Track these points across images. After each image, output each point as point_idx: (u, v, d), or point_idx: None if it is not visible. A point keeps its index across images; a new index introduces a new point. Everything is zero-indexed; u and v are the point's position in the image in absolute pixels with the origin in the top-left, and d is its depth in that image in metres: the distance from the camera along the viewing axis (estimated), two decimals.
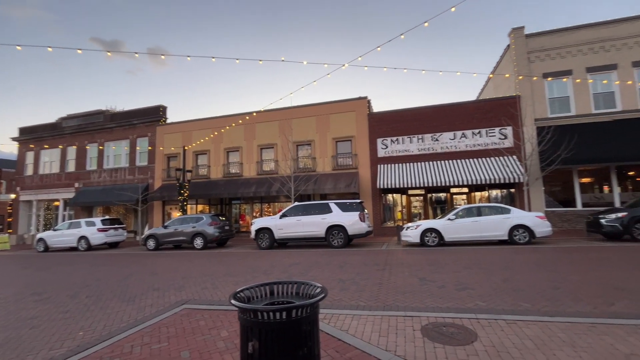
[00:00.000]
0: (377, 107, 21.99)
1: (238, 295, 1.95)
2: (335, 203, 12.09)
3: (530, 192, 13.51)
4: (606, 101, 13.38)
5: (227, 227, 14.46)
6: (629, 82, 13.01)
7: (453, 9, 7.25)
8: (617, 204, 12.68)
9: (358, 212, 11.65)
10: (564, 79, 13.80)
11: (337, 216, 11.73)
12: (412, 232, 10.89)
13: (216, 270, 8.07)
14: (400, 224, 15.01)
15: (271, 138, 18.90)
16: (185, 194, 16.58)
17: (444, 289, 5.18)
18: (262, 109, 14.15)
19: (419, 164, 15.51)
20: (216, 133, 19.41)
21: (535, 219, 9.92)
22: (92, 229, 15.65)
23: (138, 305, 5.13)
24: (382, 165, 16.13)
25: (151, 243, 14.20)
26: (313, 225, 11.90)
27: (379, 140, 16.63)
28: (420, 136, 15.83)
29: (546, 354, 2.88)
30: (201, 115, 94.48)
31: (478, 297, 4.63)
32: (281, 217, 12.39)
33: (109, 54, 8.52)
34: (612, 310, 3.92)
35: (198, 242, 13.58)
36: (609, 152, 12.30)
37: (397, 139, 16.28)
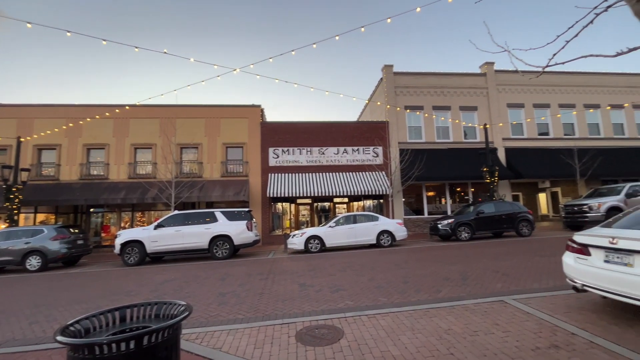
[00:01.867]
0: (270, 117, 22.22)
1: (70, 328, 1.59)
2: (221, 212, 11.50)
3: (393, 203, 16.18)
4: (443, 133, 17.48)
5: (80, 242, 11.72)
6: (457, 121, 17.41)
7: (337, 37, 8.14)
8: (449, 213, 16.57)
9: (246, 221, 11.41)
10: (418, 113, 17.34)
11: (223, 225, 11.16)
12: (297, 240, 11.37)
13: (58, 297, 6.40)
14: (288, 232, 15.47)
15: (149, 137, 16.59)
16: (17, 200, 12.66)
17: (320, 292, 5.59)
18: (139, 103, 12.31)
19: (307, 174, 16.43)
20: (72, 124, 15.69)
21: (396, 225, 11.93)
22: None
23: None
24: (272, 174, 16.34)
25: None
26: (195, 235, 10.96)
27: (271, 150, 16.84)
28: (309, 149, 16.84)
29: (394, 339, 3.45)
30: (48, 100, 74.87)
31: (348, 297, 5.19)
32: (156, 227, 10.92)
33: None
34: (440, 296, 5.03)
35: (33, 262, 10.50)
36: (444, 172, 16.04)
37: (288, 150, 16.84)
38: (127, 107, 15.40)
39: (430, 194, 17.53)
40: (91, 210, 16.74)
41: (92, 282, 7.99)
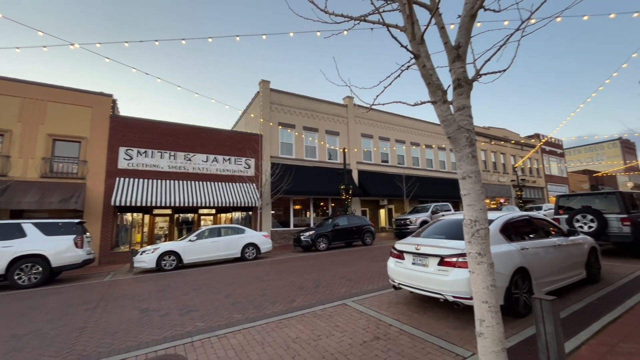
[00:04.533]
0: (125, 112, 18.76)
1: None
2: (34, 223, 8.69)
3: (262, 215, 16.33)
4: (311, 152, 19.15)
5: None
6: (322, 143, 19.46)
7: (210, 40, 7.75)
8: (312, 225, 18.03)
9: (74, 236, 9.00)
10: (289, 130, 18.41)
11: (34, 242, 8.42)
12: (147, 257, 9.78)
13: None
14: (137, 248, 13.15)
15: None
16: None
17: (167, 316, 4.93)
18: None
19: (168, 181, 14.57)
20: None
21: (262, 238, 12.01)
22: None
23: None
24: (122, 179, 13.68)
25: None
26: None
27: (122, 149, 14.13)
28: (172, 153, 15.06)
29: (242, 358, 3.37)
30: None
31: (199, 318, 4.77)
32: None
33: None
34: (294, 305, 5.29)
35: None
36: (310, 188, 17.47)
37: (145, 152, 14.54)
38: None
39: (297, 207, 18.64)
40: None
41: None
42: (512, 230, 4.66)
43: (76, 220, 9.43)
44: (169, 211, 15.99)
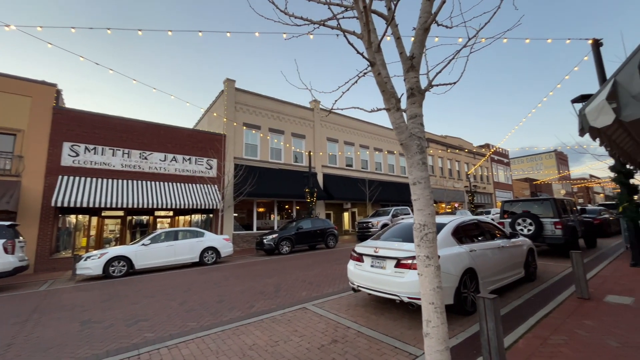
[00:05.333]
0: (73, 104, 17.14)
1: None
2: None
3: (224, 218, 15.78)
4: (277, 154, 18.95)
5: None
6: (288, 145, 19.37)
7: (170, 33, 7.39)
8: (276, 228, 17.80)
9: (3, 241, 8.01)
10: (254, 131, 18.07)
11: None
12: (92, 263, 8.97)
13: None
14: (83, 253, 12.04)
15: None
16: None
17: (111, 328, 4.54)
18: None
19: (121, 181, 13.54)
20: None
21: (222, 241, 11.60)
22: None
23: None
24: (66, 177, 12.46)
25: None
26: None
27: (67, 145, 12.89)
28: (126, 150, 14.03)
29: None
30: None
31: (149, 329, 4.46)
32: None
33: None
34: (252, 311, 5.15)
35: None
36: (274, 190, 17.24)
37: (95, 148, 13.39)
38: None
39: (261, 209, 18.30)
40: None
41: None
42: (463, 233, 4.97)
43: (6, 223, 8.41)
44: (120, 213, 14.86)
